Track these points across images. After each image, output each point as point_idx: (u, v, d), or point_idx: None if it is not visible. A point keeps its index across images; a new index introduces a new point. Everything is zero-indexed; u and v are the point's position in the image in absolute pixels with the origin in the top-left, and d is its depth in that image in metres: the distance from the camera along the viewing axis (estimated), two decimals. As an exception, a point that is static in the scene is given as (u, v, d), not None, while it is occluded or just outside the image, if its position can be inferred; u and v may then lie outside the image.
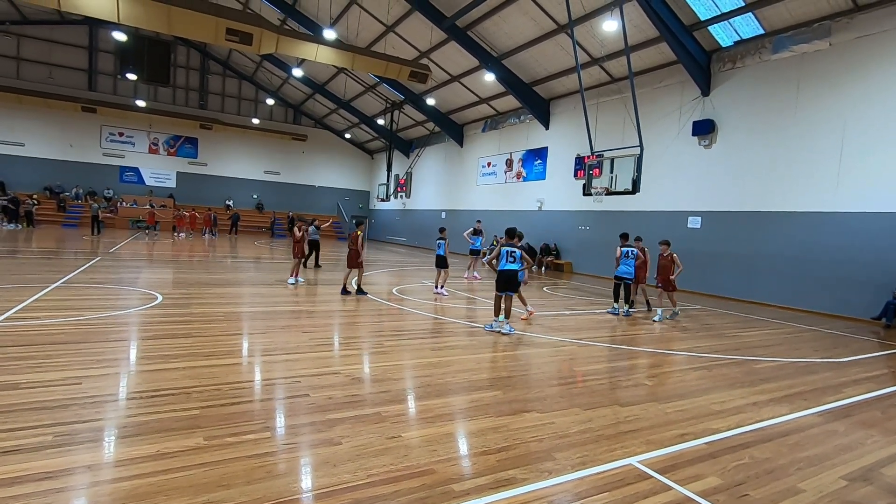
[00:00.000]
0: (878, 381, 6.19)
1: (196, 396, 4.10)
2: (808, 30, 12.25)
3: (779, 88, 12.99)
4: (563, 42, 16.67)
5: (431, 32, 18.86)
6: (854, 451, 3.91)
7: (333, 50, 16.86)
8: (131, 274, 11.32)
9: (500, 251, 7.68)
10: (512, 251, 7.63)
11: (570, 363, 6.15)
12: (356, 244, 10.09)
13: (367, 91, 27.54)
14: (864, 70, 11.38)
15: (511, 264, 7.57)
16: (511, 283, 7.56)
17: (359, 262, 10.15)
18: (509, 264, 7.57)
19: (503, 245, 7.72)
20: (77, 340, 5.55)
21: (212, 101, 33.49)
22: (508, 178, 23.42)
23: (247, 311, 7.96)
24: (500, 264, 7.63)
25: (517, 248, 7.74)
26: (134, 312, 7.23)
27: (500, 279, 7.59)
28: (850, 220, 11.53)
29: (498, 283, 7.61)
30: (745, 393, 5.24)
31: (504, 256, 7.60)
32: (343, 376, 4.92)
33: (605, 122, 17.04)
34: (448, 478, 3.04)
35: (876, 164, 11.14)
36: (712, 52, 14.42)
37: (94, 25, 28.76)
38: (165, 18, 13.43)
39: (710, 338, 8.28)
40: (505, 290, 7.57)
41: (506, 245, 7.70)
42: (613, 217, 17.12)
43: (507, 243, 7.75)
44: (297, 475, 2.99)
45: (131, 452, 3.09)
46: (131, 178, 31.60)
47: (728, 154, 14.16)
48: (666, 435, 3.95)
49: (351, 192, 38.43)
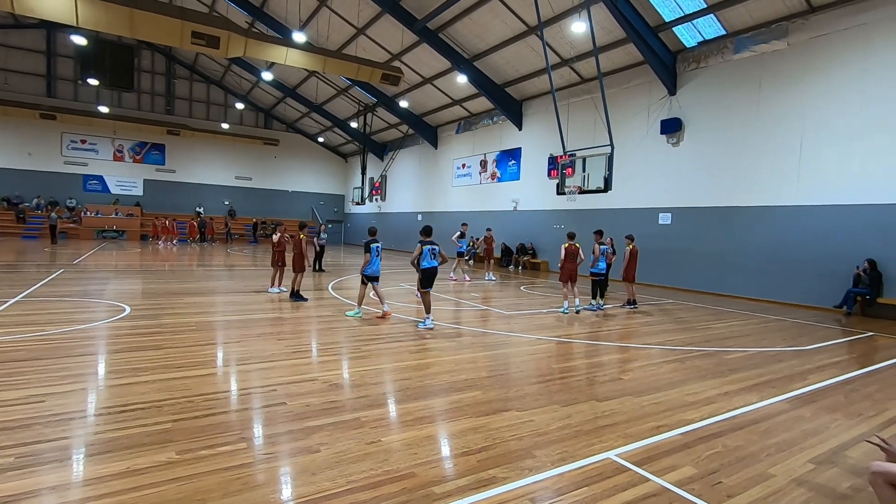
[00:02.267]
0: (841, 366, 6.45)
1: (167, 409, 3.98)
2: (766, 30, 12.71)
3: (741, 87, 13.43)
4: (533, 43, 16.87)
5: (403, 34, 18.84)
6: (820, 435, 4.06)
7: (304, 53, 16.66)
8: (97, 285, 10.93)
9: (422, 250, 7.98)
10: (433, 249, 8.02)
11: (549, 361, 6.21)
12: (300, 248, 10.06)
13: (339, 94, 27.31)
14: (820, 68, 11.87)
15: (433, 261, 8.00)
16: (433, 279, 8.03)
17: (303, 265, 10.21)
18: (432, 262, 7.98)
19: (424, 244, 8.02)
20: (39, 357, 5.33)
21: (179, 107, 32.67)
22: (483, 179, 23.56)
23: (220, 321, 7.78)
24: (423, 263, 7.99)
25: (437, 244, 8.16)
26: (100, 325, 6.99)
27: (425, 277, 8.03)
28: (810, 214, 12.00)
29: (423, 280, 8.05)
30: (716, 383, 5.39)
31: (426, 255, 7.96)
32: (320, 383, 4.85)
33: (577, 122, 17.32)
34: (429, 480, 3.02)
35: (833, 159, 11.63)
36: (677, 52, 14.82)
37: (51, 29, 27.74)
38: (128, 21, 13.03)
39: (683, 331, 8.49)
40: (428, 287, 8.04)
41: (427, 244, 8.02)
42: (587, 215, 17.39)
43: (427, 241, 8.08)
44: (275, 485, 2.93)
45: (99, 471, 2.98)
46: (95, 187, 30.54)
47: (695, 151, 14.56)
48: (642, 428, 4.02)
49: (325, 197, 38.02)
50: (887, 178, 10.74)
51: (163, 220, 27.88)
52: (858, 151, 11.19)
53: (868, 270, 10.75)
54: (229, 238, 31.37)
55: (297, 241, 10.27)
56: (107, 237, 28.19)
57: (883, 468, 2.47)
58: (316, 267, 15.70)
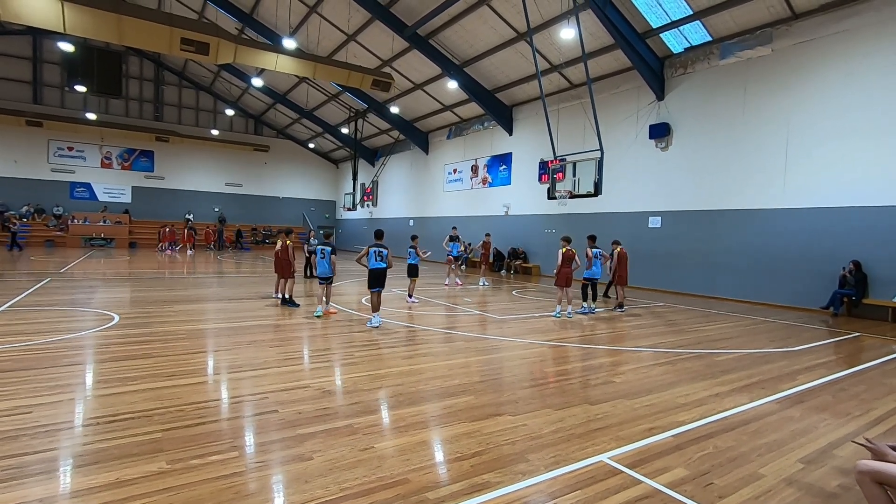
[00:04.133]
0: (828, 367, 6.53)
1: (158, 419, 3.93)
2: (751, 36, 12.93)
3: (728, 92, 13.63)
4: (523, 49, 17.00)
5: (393, 41, 18.90)
6: (809, 434, 4.11)
7: (294, 59, 16.65)
8: (85, 294, 10.79)
9: (368, 251, 8.27)
10: (379, 251, 8.25)
11: (541, 365, 6.23)
12: (287, 253, 10.19)
13: (329, 100, 27.30)
14: (804, 74, 12.09)
15: (379, 263, 8.24)
16: (380, 280, 8.26)
17: (291, 271, 10.36)
18: (377, 263, 8.20)
19: (372, 246, 8.30)
20: (25, 367, 5.24)
21: (168, 113, 32.43)
22: (475, 184, 23.63)
23: (211, 328, 7.71)
24: (370, 263, 8.24)
25: (385, 248, 8.42)
26: (88, 335, 6.89)
27: (371, 277, 8.27)
28: (797, 216, 12.17)
29: (369, 280, 8.28)
30: (707, 385, 5.43)
31: (372, 256, 8.21)
32: (313, 390, 4.82)
33: (567, 127, 17.46)
34: (423, 486, 3.02)
35: (818, 162, 11.82)
36: (665, 58, 15.01)
37: (38, 35, 27.44)
38: (115, 28, 12.94)
39: (673, 333, 8.55)
40: (375, 287, 8.23)
41: (374, 246, 8.28)
42: (578, 219, 17.50)
43: (375, 244, 8.34)
44: (268, 494, 2.91)
45: (88, 482, 2.93)
46: (83, 195, 30.15)
47: (684, 156, 14.73)
48: (635, 430, 4.04)
49: (316, 203, 37.88)
50: (870, 181, 10.94)
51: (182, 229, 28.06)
52: (842, 155, 11.39)
53: (853, 272, 10.92)
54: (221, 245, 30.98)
55: (284, 248, 10.33)
56: (95, 245, 27.83)
57: (869, 467, 2.51)
58: (307, 273, 15.63)
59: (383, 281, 8.32)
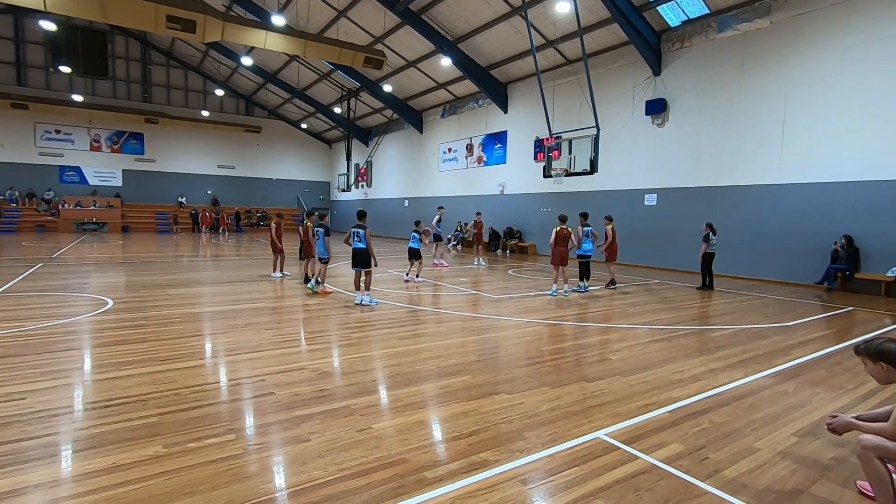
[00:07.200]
0: (822, 341, 6.59)
1: (153, 403, 3.92)
2: (749, 9, 12.68)
3: (725, 66, 13.43)
4: (517, 24, 16.65)
5: (384, 17, 18.46)
6: (803, 408, 4.15)
7: (284, 37, 16.25)
8: (78, 279, 10.70)
9: (350, 232, 8.42)
10: (357, 231, 8.36)
11: (538, 343, 6.25)
12: (307, 235, 10.47)
13: (321, 79, 26.81)
14: (802, 46, 11.90)
15: (358, 243, 8.38)
16: (362, 260, 8.36)
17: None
18: (357, 243, 8.38)
19: (353, 226, 8.42)
20: (18, 353, 5.20)
21: (156, 94, 31.80)
22: (470, 164, 23.43)
23: (206, 312, 7.67)
24: (353, 244, 8.39)
25: (364, 228, 8.43)
26: (82, 320, 6.84)
27: (353, 257, 8.43)
28: (792, 192, 12.14)
29: (353, 260, 8.44)
30: (702, 361, 5.47)
31: (353, 237, 8.37)
32: (309, 371, 4.81)
33: (562, 104, 17.23)
34: (420, 466, 3.03)
35: (814, 137, 11.74)
36: (662, 32, 14.74)
37: (19, 14, 26.65)
38: (98, 5, 12.55)
39: (669, 310, 8.59)
40: (358, 267, 8.39)
41: (355, 227, 8.40)
42: (574, 198, 17.40)
43: (356, 224, 8.43)
44: (265, 476, 2.90)
45: (84, 467, 2.92)
46: (73, 178, 29.76)
47: (680, 132, 14.59)
48: (631, 407, 4.07)
49: (310, 184, 37.56)
50: (864, 156, 10.89)
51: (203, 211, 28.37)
52: (838, 129, 11.30)
53: (845, 246, 10.96)
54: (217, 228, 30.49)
55: (305, 229, 10.74)
56: (87, 230, 27.60)
57: (873, 442, 2.51)
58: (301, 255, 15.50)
59: (365, 261, 8.36)
